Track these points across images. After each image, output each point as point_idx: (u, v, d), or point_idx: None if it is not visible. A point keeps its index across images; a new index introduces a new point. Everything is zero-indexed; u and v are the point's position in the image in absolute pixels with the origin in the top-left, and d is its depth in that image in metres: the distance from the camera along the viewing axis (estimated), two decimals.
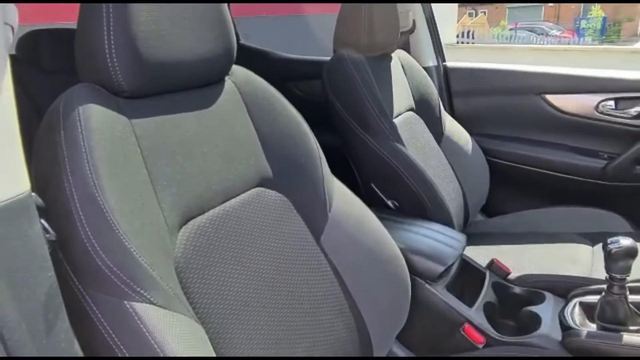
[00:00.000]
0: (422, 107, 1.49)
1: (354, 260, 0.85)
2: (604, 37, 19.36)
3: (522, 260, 1.28)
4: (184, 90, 0.71)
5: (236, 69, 0.81)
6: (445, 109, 1.61)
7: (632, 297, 0.89)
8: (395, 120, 1.29)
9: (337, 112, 1.25)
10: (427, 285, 0.99)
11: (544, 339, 0.92)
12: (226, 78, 0.79)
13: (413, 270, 0.96)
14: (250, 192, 0.77)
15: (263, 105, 0.81)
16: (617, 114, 1.53)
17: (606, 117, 1.54)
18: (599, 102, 1.53)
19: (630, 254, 0.86)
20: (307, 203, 0.84)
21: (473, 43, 11.54)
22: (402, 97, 1.42)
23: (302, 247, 0.82)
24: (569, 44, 14.69)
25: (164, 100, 0.68)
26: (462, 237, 1.09)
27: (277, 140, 0.82)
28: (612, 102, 1.53)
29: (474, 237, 1.49)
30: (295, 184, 0.83)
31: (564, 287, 1.09)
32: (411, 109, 1.46)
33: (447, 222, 1.19)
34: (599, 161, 1.55)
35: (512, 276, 1.16)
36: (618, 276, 0.88)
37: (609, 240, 0.89)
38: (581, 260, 1.25)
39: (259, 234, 0.76)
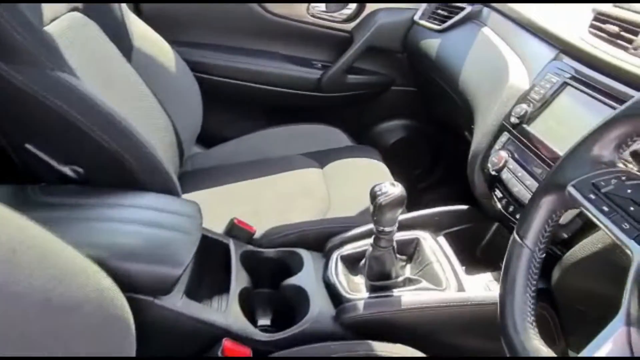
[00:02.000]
0: (93, 5, 0.98)
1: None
2: None
3: (259, 205, 1.06)
4: None
5: None
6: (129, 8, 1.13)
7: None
8: (50, 29, 0.77)
9: None
10: (158, 302, 0.64)
11: (318, 322, 0.73)
12: None
13: (132, 287, 0.59)
14: None
15: None
16: (327, 17, 1.39)
17: (317, 20, 1.38)
18: (309, 3, 1.35)
19: (400, 202, 0.71)
20: None
21: None
22: None
23: None
24: None
25: None
26: (194, 208, 0.75)
27: None
28: (322, 5, 1.37)
29: (193, 178, 1.18)
30: None
31: (315, 238, 0.92)
32: (75, 9, 0.93)
33: (165, 184, 0.81)
34: (314, 71, 1.41)
35: (257, 235, 0.92)
36: (387, 229, 0.74)
37: (376, 189, 0.72)
38: (316, 191, 1.12)
39: None
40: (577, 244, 0.63)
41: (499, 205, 0.79)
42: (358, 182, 1.15)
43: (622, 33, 0.72)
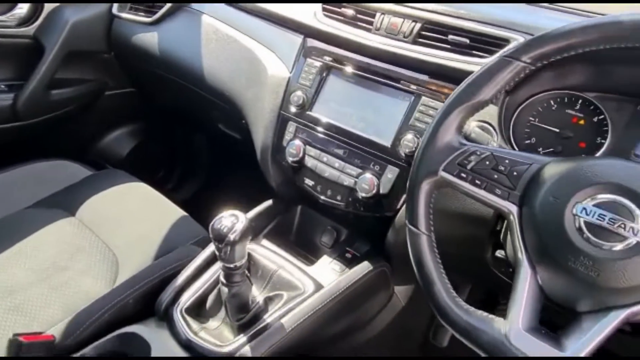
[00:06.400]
0: None
1: None
2: None
3: (22, 296, 0.78)
4: None
5: None
6: None
7: None
8: None
9: None
10: None
11: None
12: None
13: None
14: None
15: None
16: None
17: None
18: None
19: (249, 231, 0.65)
20: None
21: None
22: None
23: None
24: None
25: None
26: None
27: None
28: None
29: None
30: None
31: (134, 309, 0.76)
32: None
33: None
34: (2, 96, 1.06)
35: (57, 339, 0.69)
36: (239, 263, 0.67)
37: (218, 226, 0.63)
38: (88, 249, 0.90)
39: None
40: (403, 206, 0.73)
41: (312, 192, 0.82)
42: (129, 215, 0.98)
43: (359, 15, 0.81)
